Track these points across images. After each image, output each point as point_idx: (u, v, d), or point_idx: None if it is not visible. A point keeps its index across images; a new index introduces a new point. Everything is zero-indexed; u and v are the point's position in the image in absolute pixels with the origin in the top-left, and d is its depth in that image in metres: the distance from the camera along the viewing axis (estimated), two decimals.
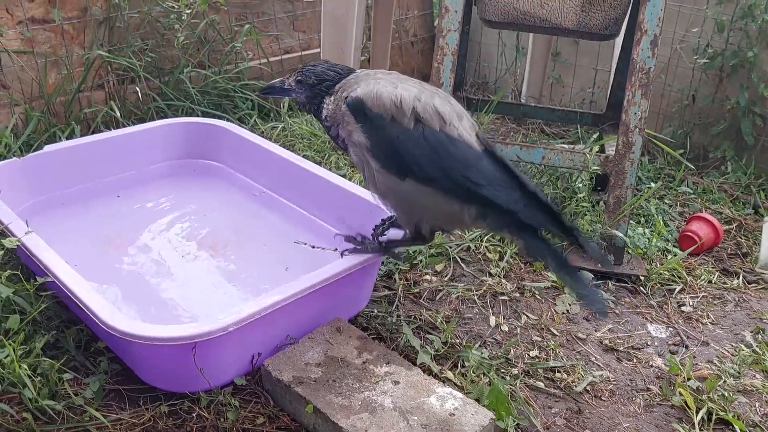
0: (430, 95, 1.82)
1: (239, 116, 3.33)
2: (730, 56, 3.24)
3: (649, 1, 2.32)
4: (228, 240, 2.43)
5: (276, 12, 3.68)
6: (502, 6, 2.47)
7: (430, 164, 1.77)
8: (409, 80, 1.88)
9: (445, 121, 1.79)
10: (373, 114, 1.79)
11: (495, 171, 1.79)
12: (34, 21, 2.93)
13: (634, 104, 2.39)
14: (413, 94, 1.79)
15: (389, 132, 1.78)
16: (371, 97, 1.80)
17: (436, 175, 1.78)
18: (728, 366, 2.10)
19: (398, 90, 1.80)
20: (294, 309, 1.83)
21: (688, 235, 2.67)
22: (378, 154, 1.81)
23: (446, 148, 1.77)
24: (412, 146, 1.77)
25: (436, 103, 1.80)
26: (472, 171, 1.77)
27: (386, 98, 1.79)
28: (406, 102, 1.78)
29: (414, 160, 1.77)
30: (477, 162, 1.78)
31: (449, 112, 1.81)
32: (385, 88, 1.81)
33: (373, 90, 1.81)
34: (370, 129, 1.80)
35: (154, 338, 1.63)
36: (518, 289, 2.37)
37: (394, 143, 1.78)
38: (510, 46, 4.21)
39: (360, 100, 1.81)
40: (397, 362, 1.86)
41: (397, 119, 1.77)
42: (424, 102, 1.79)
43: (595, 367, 2.07)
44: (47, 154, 2.48)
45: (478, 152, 1.80)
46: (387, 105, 1.78)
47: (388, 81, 1.84)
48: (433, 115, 1.78)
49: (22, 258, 2.18)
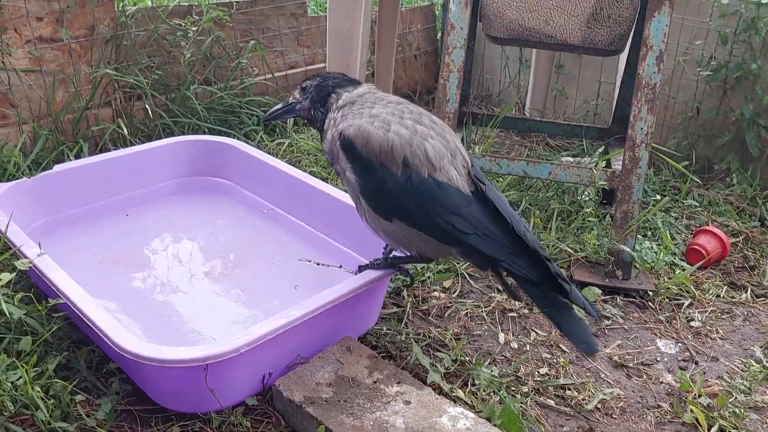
0: (423, 137, 1.82)
1: (245, 132, 3.34)
2: (734, 68, 3.25)
3: (655, 17, 2.33)
4: (236, 258, 2.43)
5: (281, 28, 3.70)
6: (508, 23, 2.48)
7: (415, 210, 1.80)
8: (406, 113, 1.88)
9: (435, 167, 1.80)
10: (363, 157, 1.82)
11: (482, 216, 1.81)
12: (42, 40, 2.94)
13: (640, 119, 2.40)
14: (404, 139, 1.80)
15: (377, 177, 1.81)
16: (361, 140, 1.82)
17: (420, 220, 1.81)
18: (738, 382, 2.10)
19: (390, 134, 1.80)
20: (305, 328, 1.84)
21: (695, 248, 2.67)
22: (366, 195, 1.86)
23: (433, 194, 1.79)
24: (399, 193, 1.80)
25: (428, 147, 1.81)
26: (457, 219, 1.79)
27: (376, 143, 1.80)
28: (396, 149, 1.79)
29: (399, 205, 1.81)
30: (464, 208, 1.80)
31: (441, 153, 1.83)
32: (376, 130, 1.81)
33: (364, 131, 1.82)
34: (361, 170, 1.83)
35: (166, 360, 1.63)
36: (527, 305, 2.38)
37: (381, 188, 1.81)
38: (513, 58, 4.23)
39: (350, 142, 1.83)
40: (408, 381, 1.86)
41: (386, 165, 1.80)
42: (415, 146, 1.80)
43: (606, 384, 2.07)
44: (56, 174, 2.50)
45: (467, 197, 1.82)
46: (376, 150, 1.80)
47: (382, 119, 1.84)
48: (422, 161, 1.79)
49: (33, 278, 2.19)
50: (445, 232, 1.80)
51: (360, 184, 1.85)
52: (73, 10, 3.00)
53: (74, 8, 2.99)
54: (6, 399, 1.69)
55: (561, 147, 3.74)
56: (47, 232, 2.41)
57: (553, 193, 2.95)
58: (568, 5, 2.41)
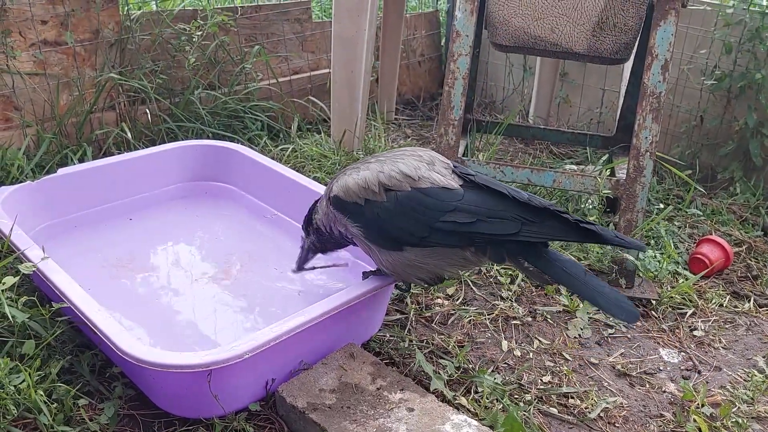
0: (393, 161, 1.91)
1: (249, 137, 3.35)
2: (738, 78, 3.25)
3: (660, 26, 2.34)
4: (239, 263, 2.43)
5: (285, 33, 3.71)
6: (513, 30, 2.48)
7: (414, 225, 1.83)
8: (381, 155, 1.98)
9: (413, 178, 1.86)
10: (349, 204, 1.92)
11: (480, 200, 1.82)
12: (47, 43, 2.95)
13: (645, 128, 2.40)
14: (375, 170, 1.89)
15: (369, 214, 1.88)
16: (342, 190, 1.93)
17: (424, 233, 1.83)
18: (741, 392, 2.10)
19: (361, 173, 1.91)
20: (308, 335, 1.84)
21: (698, 257, 2.67)
22: (371, 237, 1.91)
23: (421, 202, 1.83)
24: (392, 216, 1.85)
25: (401, 166, 1.88)
26: (456, 213, 1.81)
27: (353, 185, 1.91)
28: (370, 180, 1.88)
29: (398, 228, 1.85)
30: (458, 201, 1.82)
31: (416, 166, 1.89)
32: (350, 177, 1.93)
33: (343, 184, 1.94)
34: (355, 217, 1.92)
35: (170, 365, 1.63)
36: (530, 313, 2.37)
37: (376, 222, 1.87)
38: (517, 65, 4.24)
39: (336, 197, 1.95)
40: (411, 389, 1.86)
41: (370, 199, 1.87)
42: (388, 170, 1.88)
43: (609, 392, 2.06)
44: (60, 177, 2.50)
45: (457, 190, 1.84)
46: (356, 191, 1.90)
47: (354, 168, 1.96)
48: (400, 179, 1.86)
49: (36, 282, 2.19)
50: (451, 234, 1.80)
51: (360, 229, 1.91)
52: (78, 14, 3.00)
53: (79, 12, 3.00)
54: (9, 402, 1.69)
55: (564, 155, 3.74)
56: (51, 235, 2.42)
57: (556, 201, 2.95)
58: (574, 14, 2.41)
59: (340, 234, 2.02)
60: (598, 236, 1.78)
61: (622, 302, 1.76)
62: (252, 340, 1.71)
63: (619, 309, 1.75)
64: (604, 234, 1.78)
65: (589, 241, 1.83)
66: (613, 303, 1.76)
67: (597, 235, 1.78)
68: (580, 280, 1.80)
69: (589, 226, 1.77)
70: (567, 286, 1.84)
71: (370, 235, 1.91)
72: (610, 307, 1.76)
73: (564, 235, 1.80)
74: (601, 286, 1.79)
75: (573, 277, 1.80)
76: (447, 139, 2.59)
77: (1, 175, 2.72)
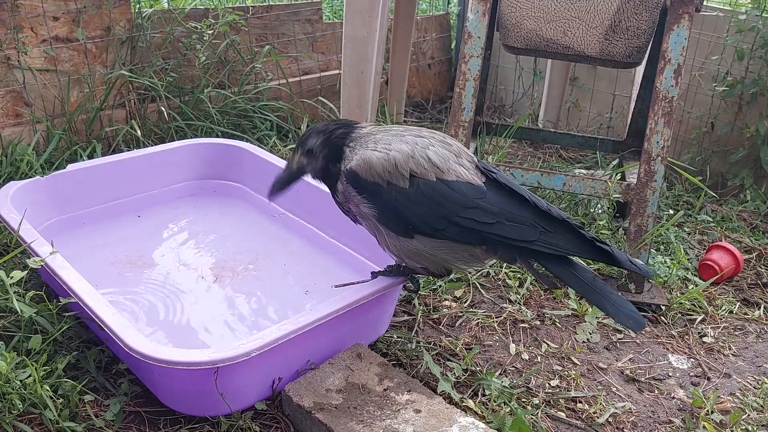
0: (424, 147, 1.84)
1: (258, 136, 3.34)
2: (750, 84, 3.23)
3: (673, 31, 2.32)
4: (247, 261, 2.43)
5: (296, 33, 3.70)
6: (526, 33, 2.47)
7: (433, 216, 1.79)
8: (407, 133, 1.90)
9: (441, 169, 1.81)
10: (369, 183, 1.83)
11: (502, 201, 1.81)
12: (58, 40, 2.95)
13: (656, 133, 2.38)
14: (406, 153, 1.82)
15: (388, 197, 1.81)
16: (363, 168, 1.83)
17: (440, 226, 1.80)
18: (751, 399, 2.08)
19: (391, 153, 1.82)
20: (315, 334, 1.83)
21: (708, 264, 2.65)
22: (384, 220, 1.85)
23: (444, 195, 1.79)
24: (412, 204, 1.80)
25: (430, 154, 1.82)
26: (476, 212, 1.79)
27: (377, 165, 1.82)
28: (400, 164, 1.81)
29: (416, 216, 1.80)
30: (479, 199, 1.80)
31: (446, 156, 1.84)
32: (375, 154, 1.83)
33: (364, 159, 1.83)
34: (371, 198, 1.84)
35: (176, 362, 1.62)
36: (538, 316, 2.36)
37: (395, 206, 1.81)
38: (527, 69, 4.22)
39: (354, 173, 1.84)
40: (418, 390, 1.85)
41: (393, 182, 1.81)
42: (418, 157, 1.82)
43: (617, 398, 2.05)
44: (70, 173, 2.50)
45: (480, 187, 1.82)
46: (379, 171, 1.82)
47: (384, 142, 1.86)
48: (427, 167, 1.81)
49: (44, 277, 2.19)
50: (467, 230, 1.78)
51: (374, 210, 1.84)
52: (90, 11, 3.01)
53: (91, 9, 3.00)
54: (15, 397, 1.69)
55: (574, 159, 3.73)
56: (59, 231, 2.41)
57: (566, 205, 2.94)
58: (586, 17, 2.40)
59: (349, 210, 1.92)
60: (611, 257, 1.79)
61: (629, 310, 1.77)
62: (259, 338, 1.70)
63: (625, 317, 1.76)
64: (618, 256, 1.79)
65: (602, 260, 1.82)
66: (621, 310, 1.77)
67: (611, 257, 1.79)
68: (590, 285, 1.80)
69: (604, 246, 1.78)
70: (576, 290, 1.83)
71: (384, 218, 1.85)
72: (618, 314, 1.77)
73: (579, 251, 1.79)
74: (609, 293, 1.79)
75: (583, 281, 1.80)
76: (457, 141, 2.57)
77: (11, 170, 2.72)
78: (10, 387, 1.69)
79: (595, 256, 1.80)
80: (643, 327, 1.78)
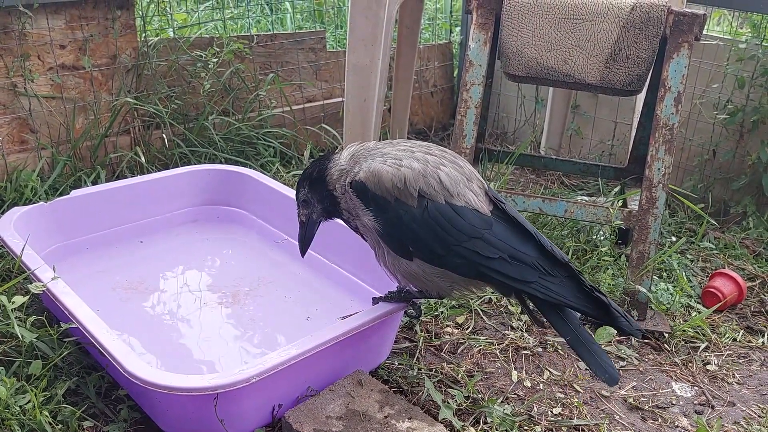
0: (435, 166, 1.80)
1: (261, 163, 3.36)
2: (751, 112, 3.25)
3: (673, 59, 2.34)
4: (249, 288, 2.43)
5: (300, 62, 3.74)
6: (527, 61, 2.50)
7: (435, 241, 1.76)
8: (416, 148, 1.86)
9: (451, 193, 1.77)
10: (377, 196, 1.79)
11: (507, 235, 1.79)
12: (65, 67, 2.99)
13: (657, 160, 2.39)
14: (417, 171, 1.77)
15: (393, 213, 1.77)
16: (373, 180, 1.79)
17: (441, 252, 1.76)
18: (756, 428, 2.06)
19: (402, 170, 1.77)
20: (316, 360, 1.82)
21: (711, 291, 2.64)
22: (386, 236, 1.81)
23: (451, 220, 1.75)
24: (416, 225, 1.75)
25: (441, 175, 1.78)
26: (480, 243, 1.75)
27: (387, 180, 1.77)
28: (410, 182, 1.76)
29: (418, 239, 1.76)
30: (485, 230, 1.77)
31: (456, 179, 1.80)
32: (385, 167, 1.79)
33: (375, 170, 1.79)
34: (376, 210, 1.80)
35: (176, 388, 1.62)
36: (540, 343, 2.35)
37: (398, 224, 1.77)
38: (529, 97, 4.25)
39: (362, 184, 1.80)
40: (419, 417, 1.83)
41: (401, 199, 1.76)
42: (429, 176, 1.77)
43: (620, 426, 2.03)
44: (73, 199, 2.51)
45: (487, 218, 1.79)
46: (389, 187, 1.77)
47: (393, 156, 1.82)
48: (437, 189, 1.77)
49: (46, 302, 2.19)
50: (468, 263, 1.76)
51: (378, 225, 1.81)
52: (97, 39, 3.04)
53: (97, 37, 3.04)
54: (14, 423, 1.68)
55: (576, 186, 3.73)
56: (62, 256, 2.42)
57: (568, 232, 2.94)
58: (587, 45, 2.42)
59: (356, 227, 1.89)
60: (607, 311, 1.80)
61: (606, 363, 1.79)
62: (259, 364, 1.69)
63: (601, 369, 1.78)
64: (612, 312, 1.80)
65: (596, 313, 1.81)
66: (598, 362, 1.79)
67: (606, 310, 1.80)
68: (576, 332, 1.81)
69: (602, 297, 1.78)
70: (563, 336, 1.84)
71: (386, 235, 1.81)
72: (594, 365, 1.79)
73: (574, 302, 1.79)
74: (591, 343, 1.80)
75: (571, 329, 1.82)
76: None
77: (15, 196, 2.74)
78: (9, 413, 1.69)
79: (590, 308, 1.79)
80: (616, 383, 1.80)
